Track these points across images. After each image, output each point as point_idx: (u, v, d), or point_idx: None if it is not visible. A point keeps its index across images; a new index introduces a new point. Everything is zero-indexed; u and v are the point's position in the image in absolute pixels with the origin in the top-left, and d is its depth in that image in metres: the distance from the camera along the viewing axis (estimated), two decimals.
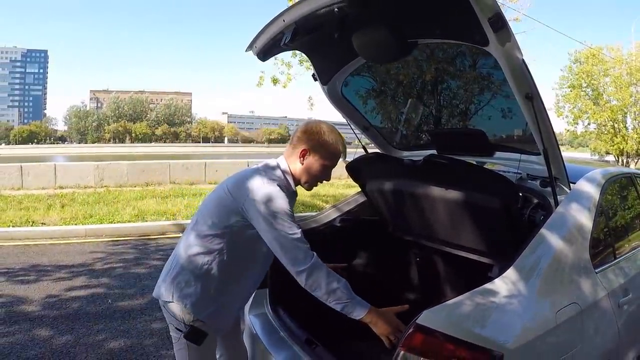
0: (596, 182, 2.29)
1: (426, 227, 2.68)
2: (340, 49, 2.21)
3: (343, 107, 2.83)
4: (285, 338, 2.15)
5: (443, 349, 1.39)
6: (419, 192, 2.51)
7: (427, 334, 1.41)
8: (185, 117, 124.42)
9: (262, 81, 11.73)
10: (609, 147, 27.99)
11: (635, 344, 2.45)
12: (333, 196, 11.29)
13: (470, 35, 1.71)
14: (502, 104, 2.33)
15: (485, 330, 1.46)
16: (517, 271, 1.64)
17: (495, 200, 2.05)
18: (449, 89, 2.78)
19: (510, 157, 2.39)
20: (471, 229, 2.35)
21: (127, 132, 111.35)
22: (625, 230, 2.69)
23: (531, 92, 1.71)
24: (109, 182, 11.74)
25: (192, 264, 1.80)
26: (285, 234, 1.68)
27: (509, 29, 1.53)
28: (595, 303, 1.88)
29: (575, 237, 1.90)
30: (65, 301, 4.22)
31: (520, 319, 1.55)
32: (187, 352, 1.86)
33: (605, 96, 26.23)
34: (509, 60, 1.64)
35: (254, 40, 2.13)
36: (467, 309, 1.49)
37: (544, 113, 1.80)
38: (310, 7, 1.73)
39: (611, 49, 27.28)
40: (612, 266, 2.18)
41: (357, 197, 3.10)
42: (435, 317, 1.44)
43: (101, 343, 3.41)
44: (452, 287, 2.87)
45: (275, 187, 1.73)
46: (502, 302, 1.54)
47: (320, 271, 1.67)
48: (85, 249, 6.20)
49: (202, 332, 1.80)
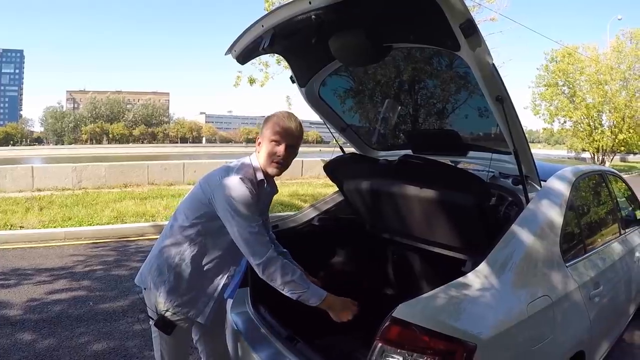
0: (567, 179, 2.38)
1: (402, 225, 2.75)
2: (318, 53, 2.25)
3: (320, 109, 2.87)
4: (267, 335, 2.18)
5: (418, 341, 1.45)
6: (394, 191, 2.57)
7: (403, 327, 1.46)
8: (162, 117, 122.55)
9: (240, 81, 11.73)
10: (585, 144, 28.66)
11: (607, 336, 2.56)
12: (312, 195, 11.36)
13: (442, 41, 1.76)
14: (475, 105, 2.38)
15: (459, 322, 1.53)
16: (489, 265, 1.71)
17: (469, 198, 2.11)
18: (424, 89, 2.83)
19: (483, 156, 2.46)
20: (445, 226, 2.43)
21: (104, 133, 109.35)
22: (596, 226, 2.80)
23: (501, 94, 1.78)
24: (87, 184, 11.55)
25: (166, 254, 1.90)
26: (245, 226, 1.76)
27: (479, 34, 1.59)
28: (566, 295, 1.96)
29: (545, 232, 1.98)
30: (47, 304, 4.17)
31: (492, 311, 1.62)
32: (159, 339, 2.00)
33: (581, 94, 26.77)
34: (480, 65, 1.70)
35: (233, 44, 2.16)
36: (441, 302, 1.56)
37: (514, 115, 1.86)
38: (288, 13, 1.77)
39: (587, 48, 27.85)
40: (583, 260, 2.27)
41: (334, 197, 3.17)
42: (410, 310, 1.50)
43: (84, 346, 3.39)
44: (428, 282, 2.93)
45: (239, 180, 1.79)
46: (475, 295, 1.61)
47: (275, 264, 1.75)
48: (64, 252, 6.11)
49: (170, 322, 1.91)
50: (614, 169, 3.87)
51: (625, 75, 26.32)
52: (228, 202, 1.76)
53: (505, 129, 1.89)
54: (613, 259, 2.65)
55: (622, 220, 3.17)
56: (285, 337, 2.09)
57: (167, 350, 2.02)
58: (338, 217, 3.10)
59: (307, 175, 15.57)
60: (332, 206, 3.12)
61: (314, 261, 2.41)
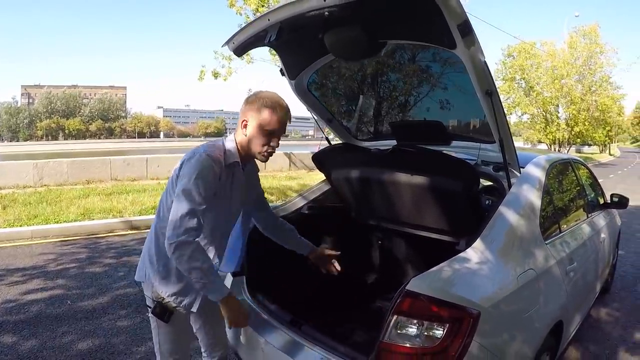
0: (541, 166, 2.58)
1: (391, 211, 2.89)
2: (311, 47, 2.33)
3: (308, 101, 2.95)
4: (270, 320, 2.22)
5: (430, 310, 1.59)
6: (386, 179, 2.69)
7: (414, 298, 1.60)
8: (120, 112, 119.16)
9: (204, 75, 11.63)
10: (542, 136, 29.90)
11: (580, 309, 2.80)
12: (277, 188, 11.41)
13: (440, 39, 1.89)
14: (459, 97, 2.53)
15: (463, 292, 1.68)
16: (483, 242, 1.88)
17: (459, 184, 2.27)
18: (410, 83, 2.94)
19: (466, 145, 2.63)
20: (435, 210, 2.58)
21: (60, 129, 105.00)
22: (567, 208, 3.03)
23: (490, 89, 1.94)
24: (49, 181, 11.16)
25: (155, 243, 1.90)
26: (181, 199, 1.70)
27: (474, 34, 1.73)
28: (548, 270, 2.17)
29: (527, 213, 2.17)
30: (24, 305, 4.05)
31: (491, 282, 1.80)
32: (157, 330, 1.98)
33: (537, 88, 27.84)
34: (473, 62, 1.85)
35: (233, 37, 2.20)
36: (446, 275, 1.71)
37: (500, 107, 2.03)
38: (300, 9, 1.80)
39: (545, 43, 28.96)
40: (558, 238, 2.49)
41: (321, 186, 3.28)
42: (421, 283, 1.63)
43: (68, 345, 3.32)
44: (412, 264, 3.11)
45: (204, 156, 1.75)
46: (475, 268, 1.77)
47: (186, 250, 1.67)
48: (33, 251, 5.92)
49: (167, 308, 1.90)
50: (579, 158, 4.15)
51: (581, 70, 27.61)
52: (184, 174, 1.73)
53: (492, 120, 2.05)
54: (583, 238, 2.89)
55: (588, 204, 3.45)
56: (289, 321, 2.14)
57: (166, 340, 1.99)
58: (326, 206, 3.21)
59: (270, 169, 15.65)
60: (319, 195, 3.23)
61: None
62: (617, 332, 3.75)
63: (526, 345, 1.92)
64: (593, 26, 28.44)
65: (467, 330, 1.57)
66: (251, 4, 10.62)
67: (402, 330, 1.61)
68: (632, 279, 5.22)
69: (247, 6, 10.76)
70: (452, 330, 1.57)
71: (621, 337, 3.64)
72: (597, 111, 28.40)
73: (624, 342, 3.56)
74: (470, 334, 1.58)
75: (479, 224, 2.02)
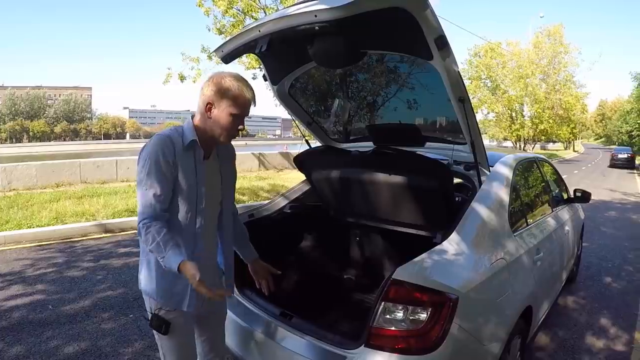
0: (509, 165, 2.81)
1: (369, 209, 3.06)
2: (295, 55, 2.46)
3: (289, 105, 3.08)
4: (260, 314, 2.34)
5: (412, 296, 1.78)
6: (365, 179, 2.86)
7: (400, 286, 1.78)
8: (85, 112, 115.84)
9: (170, 78, 11.57)
10: (507, 133, 30.79)
11: (548, 296, 3.06)
12: (249, 189, 11.49)
13: (418, 50, 2.08)
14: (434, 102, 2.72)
15: (443, 279, 1.86)
16: (459, 235, 2.08)
17: (435, 182, 2.46)
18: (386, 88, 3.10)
19: (439, 146, 2.83)
20: (412, 206, 2.77)
21: (24, 131, 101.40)
22: (533, 203, 3.27)
23: (463, 96, 2.15)
24: (18, 185, 10.89)
25: (141, 252, 1.89)
26: (138, 187, 1.72)
27: (449, 47, 1.92)
28: (517, 259, 2.38)
29: (497, 208, 2.39)
30: (5, 312, 4.01)
31: (466, 270, 1.99)
32: (160, 342, 1.94)
33: (503, 87, 28.64)
34: (448, 72, 2.04)
35: (222, 45, 2.30)
36: (427, 265, 1.90)
37: (472, 112, 2.24)
38: (291, 23, 1.92)
39: (510, 43, 29.80)
40: (526, 230, 2.71)
41: (302, 186, 3.44)
42: (405, 272, 1.81)
43: (55, 350, 3.32)
44: (389, 257, 3.30)
45: (150, 141, 1.75)
46: (452, 258, 1.97)
47: (146, 231, 1.69)
48: (8, 257, 5.83)
49: (164, 320, 1.84)
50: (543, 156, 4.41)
51: (545, 69, 28.54)
52: (138, 162, 1.75)
53: (464, 123, 2.26)
54: (549, 230, 3.14)
55: (553, 199, 3.71)
56: (279, 314, 2.26)
57: (169, 352, 1.94)
58: (307, 205, 3.37)
59: (240, 170, 15.56)
60: (300, 195, 3.38)
61: (287, 243, 2.67)
62: (584, 318, 4.02)
63: (500, 327, 2.13)
64: (557, 26, 29.50)
65: (447, 313, 1.75)
66: (220, 5, 10.61)
67: (390, 315, 1.78)
68: (597, 269, 5.55)
69: (216, 7, 10.75)
70: (434, 313, 1.74)
71: (587, 323, 3.91)
72: (561, 109, 29.48)
73: (590, 327, 3.82)
74: (451, 316, 1.76)
75: (452, 218, 2.22)
